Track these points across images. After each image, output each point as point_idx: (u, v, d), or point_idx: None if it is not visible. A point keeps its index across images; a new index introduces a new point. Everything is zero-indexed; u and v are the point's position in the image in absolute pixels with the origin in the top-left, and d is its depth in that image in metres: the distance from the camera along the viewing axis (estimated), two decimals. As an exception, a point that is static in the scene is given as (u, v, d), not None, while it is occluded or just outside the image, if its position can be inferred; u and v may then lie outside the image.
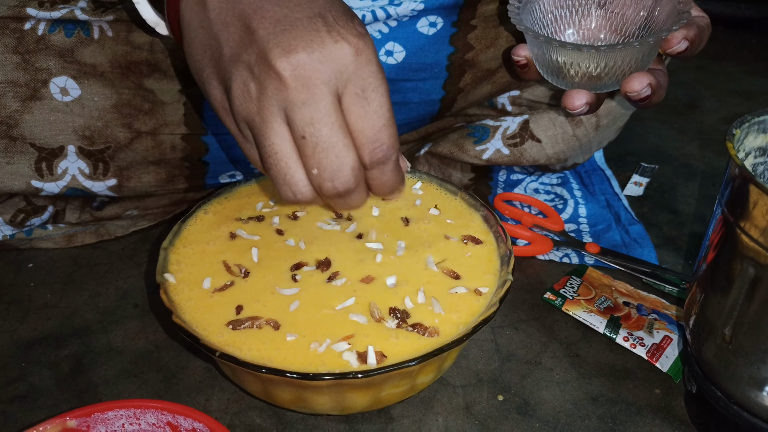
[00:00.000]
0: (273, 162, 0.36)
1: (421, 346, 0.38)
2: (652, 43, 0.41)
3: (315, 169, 0.36)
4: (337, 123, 0.35)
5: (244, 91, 0.35)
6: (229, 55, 0.35)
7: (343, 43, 0.34)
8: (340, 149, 0.35)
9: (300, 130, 0.35)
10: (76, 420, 0.33)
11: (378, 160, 0.37)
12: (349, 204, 0.38)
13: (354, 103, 0.35)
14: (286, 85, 0.34)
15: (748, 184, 0.33)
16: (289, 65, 0.34)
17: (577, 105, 0.44)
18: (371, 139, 0.36)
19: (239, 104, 0.36)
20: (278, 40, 0.34)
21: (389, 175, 0.38)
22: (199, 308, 0.40)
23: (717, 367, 0.38)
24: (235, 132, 0.38)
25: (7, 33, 0.48)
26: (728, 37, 1.05)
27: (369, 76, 0.35)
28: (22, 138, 0.50)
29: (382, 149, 0.36)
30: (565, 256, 0.56)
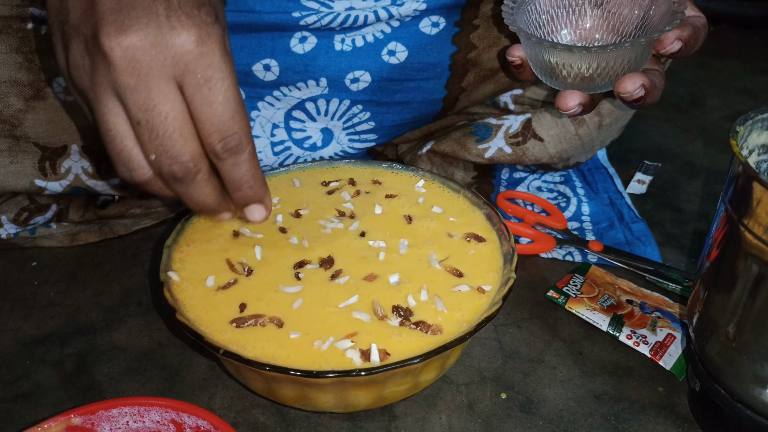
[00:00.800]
0: (108, 138, 0.35)
1: (424, 344, 0.38)
2: (644, 44, 0.41)
3: (153, 154, 0.35)
4: (174, 111, 0.34)
5: (80, 64, 0.34)
6: (72, 24, 0.35)
7: (181, 31, 0.33)
8: (177, 137, 0.35)
9: (134, 116, 0.34)
10: (80, 417, 0.33)
11: (231, 148, 0.36)
12: (192, 197, 0.37)
13: (196, 92, 0.34)
14: (114, 67, 0.33)
15: (751, 182, 0.33)
16: (119, 47, 0.33)
17: (570, 106, 0.44)
18: (220, 127, 0.35)
19: (75, 76, 0.35)
20: (114, 18, 0.33)
21: (245, 167, 0.37)
22: (203, 306, 0.40)
23: (720, 365, 0.38)
24: (76, 97, 0.38)
25: (10, 32, 0.48)
26: (731, 35, 1.04)
27: (210, 66, 0.34)
28: (25, 137, 0.50)
29: (234, 138, 0.35)
30: (568, 254, 0.56)
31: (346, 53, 0.52)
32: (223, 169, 0.37)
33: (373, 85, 0.54)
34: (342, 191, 0.50)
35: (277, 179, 0.51)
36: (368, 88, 0.54)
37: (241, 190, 0.38)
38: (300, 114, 0.56)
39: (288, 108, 0.55)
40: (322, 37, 0.52)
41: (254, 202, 0.39)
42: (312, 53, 0.52)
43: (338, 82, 0.53)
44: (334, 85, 0.54)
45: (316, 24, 0.50)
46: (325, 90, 0.54)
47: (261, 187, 0.39)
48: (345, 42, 0.52)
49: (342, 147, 0.59)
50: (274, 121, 0.56)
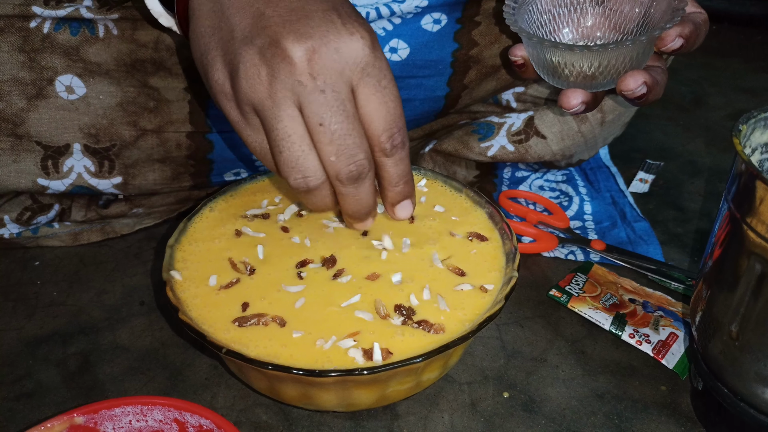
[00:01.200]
0: (286, 145, 0.36)
1: (426, 343, 0.38)
2: (645, 42, 0.41)
3: (333, 156, 0.36)
4: (352, 111, 0.36)
5: (254, 74, 0.35)
6: (240, 38, 0.35)
7: (358, 36, 0.35)
8: (356, 136, 0.36)
9: (317, 117, 0.35)
10: (83, 417, 0.34)
11: (398, 144, 0.38)
12: (360, 198, 0.39)
13: (373, 94, 0.36)
14: (299, 71, 0.34)
15: (754, 180, 0.33)
16: (304, 51, 0.34)
17: (573, 104, 0.44)
18: (390, 125, 0.37)
19: (247, 87, 0.35)
20: (293, 27, 0.35)
21: (405, 163, 0.39)
22: (205, 305, 0.40)
23: (723, 363, 0.38)
24: (235, 117, 0.38)
25: (12, 31, 0.48)
26: (733, 34, 1.04)
27: (384, 69, 0.36)
28: (28, 136, 0.50)
29: (400, 134, 0.38)
30: (570, 253, 0.56)
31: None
32: (387, 166, 0.39)
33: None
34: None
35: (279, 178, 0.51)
36: (370, 86, 0.54)
37: (398, 185, 0.40)
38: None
39: None
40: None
41: (407, 198, 0.41)
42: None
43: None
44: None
45: (319, 23, 0.50)
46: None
47: (413, 182, 0.41)
48: (347, 40, 0.52)
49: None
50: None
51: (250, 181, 0.50)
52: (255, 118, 0.37)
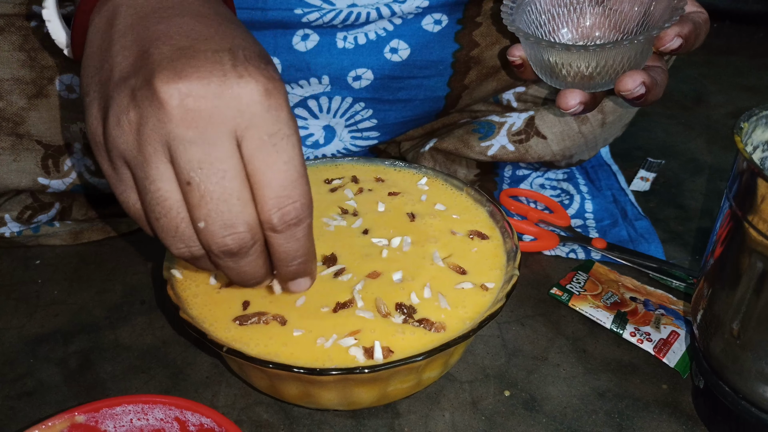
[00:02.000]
0: (161, 212, 0.30)
1: (427, 342, 0.38)
2: (643, 42, 0.41)
3: (202, 221, 0.30)
4: (232, 170, 0.30)
5: (124, 119, 0.30)
6: (116, 78, 0.31)
7: (250, 80, 0.30)
8: (234, 201, 0.30)
9: (185, 174, 0.29)
10: (84, 415, 0.34)
11: (289, 220, 0.31)
12: (243, 272, 0.33)
13: (259, 149, 0.30)
14: (170, 117, 0.29)
15: (756, 178, 0.33)
16: (177, 92, 0.29)
17: (571, 105, 0.43)
18: (281, 194, 0.31)
19: (115, 135, 0.30)
20: (172, 65, 0.29)
21: (301, 242, 0.32)
22: (206, 304, 0.40)
23: (725, 362, 0.38)
24: (108, 171, 0.32)
25: (13, 30, 0.48)
26: (735, 32, 1.04)
27: (278, 121, 0.30)
28: (28, 135, 0.50)
29: (295, 207, 0.31)
30: (571, 252, 0.56)
31: (349, 51, 0.52)
32: (276, 242, 0.32)
33: (376, 83, 0.54)
34: (345, 189, 0.50)
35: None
36: (370, 85, 0.54)
37: (290, 265, 0.33)
38: (302, 111, 0.56)
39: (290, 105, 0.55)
40: (325, 34, 0.52)
41: (302, 277, 0.35)
42: (314, 51, 0.52)
43: (340, 79, 0.53)
44: (337, 82, 0.54)
45: (319, 21, 0.50)
46: (327, 87, 0.54)
47: (313, 260, 0.34)
48: (347, 39, 0.52)
49: (344, 144, 0.59)
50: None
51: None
52: (126, 173, 0.31)
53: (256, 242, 0.32)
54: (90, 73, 0.32)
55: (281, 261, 0.33)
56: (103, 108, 0.31)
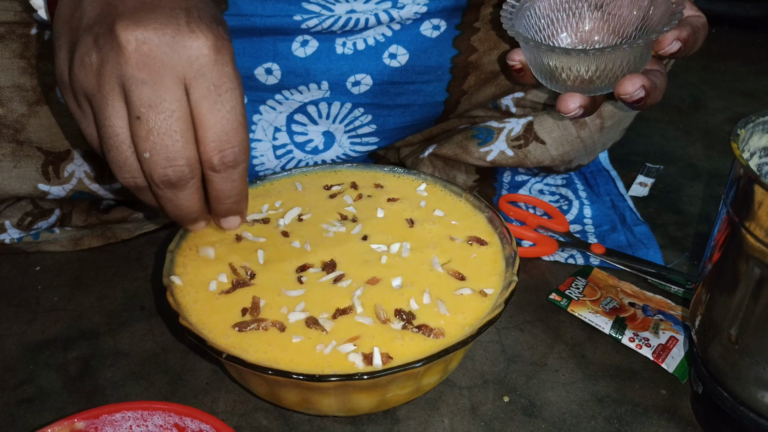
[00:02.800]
0: (113, 144, 0.35)
1: (426, 348, 0.38)
2: (642, 45, 0.41)
3: (147, 152, 0.34)
4: (179, 111, 0.34)
5: (87, 60, 0.34)
6: (84, 26, 0.35)
7: (200, 35, 0.34)
8: (177, 138, 0.34)
9: (136, 110, 0.34)
10: (84, 422, 0.34)
11: (228, 162, 0.35)
12: (180, 205, 0.37)
13: (205, 97, 0.34)
14: (126, 59, 0.33)
15: (753, 185, 0.33)
16: (134, 38, 0.33)
17: (571, 108, 0.44)
18: (222, 138, 0.35)
19: (80, 75, 0.34)
20: (132, 14, 0.33)
21: (236, 183, 0.36)
22: (206, 310, 0.40)
23: (723, 367, 0.38)
24: (73, 108, 0.36)
25: (13, 38, 0.48)
26: (733, 37, 1.04)
27: (224, 76, 0.34)
28: (29, 142, 0.51)
29: (233, 151, 0.35)
30: (570, 257, 0.56)
31: (347, 56, 0.53)
32: (214, 181, 0.36)
33: (375, 89, 0.54)
34: (344, 195, 0.50)
35: (280, 183, 0.51)
36: (369, 91, 0.54)
37: (224, 203, 0.38)
38: (302, 117, 0.56)
39: (290, 111, 0.55)
40: (324, 40, 0.52)
41: (233, 215, 0.40)
42: (313, 57, 0.52)
43: (339, 85, 0.54)
44: (336, 88, 0.54)
45: (318, 27, 0.51)
46: (326, 93, 0.54)
47: (245, 200, 0.39)
48: (346, 45, 0.52)
49: (344, 150, 0.59)
50: (276, 124, 0.56)
51: (250, 186, 0.50)
52: (88, 109, 0.36)
53: (193, 177, 0.36)
54: (61, 21, 0.36)
55: (217, 199, 0.38)
56: (68, 51, 0.35)
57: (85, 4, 0.35)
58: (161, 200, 0.37)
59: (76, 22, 0.35)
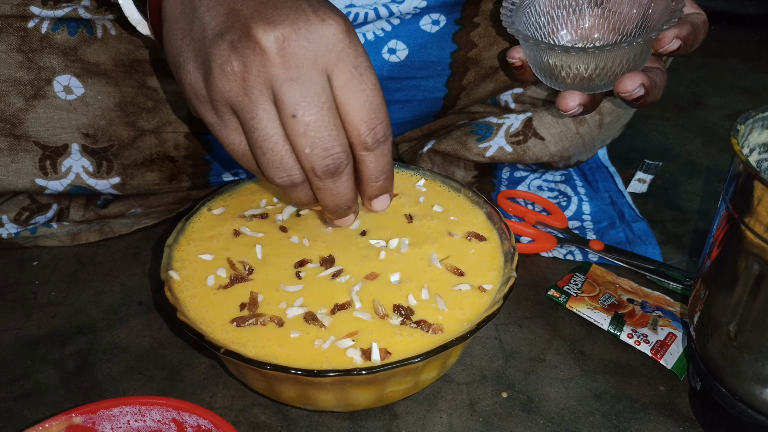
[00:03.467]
0: (268, 146, 0.35)
1: (425, 343, 0.38)
2: (641, 43, 0.41)
3: (307, 147, 0.35)
4: (329, 102, 0.34)
5: (228, 69, 0.34)
6: (211, 36, 0.34)
7: (331, 22, 0.34)
8: (332, 128, 0.35)
9: (290, 109, 0.34)
10: (81, 417, 0.33)
11: (379, 138, 0.36)
12: (337, 194, 0.37)
13: (349, 81, 0.35)
14: (271, 61, 0.33)
15: (752, 180, 0.33)
16: (274, 38, 0.33)
17: (571, 106, 0.44)
18: (371, 116, 0.35)
19: (222, 84, 0.34)
20: (263, 16, 0.33)
21: (387, 159, 0.37)
22: (204, 305, 0.40)
23: (722, 363, 0.38)
24: (212, 120, 0.36)
25: (10, 31, 0.48)
26: (732, 34, 1.04)
27: (360, 55, 0.35)
28: (26, 136, 0.50)
29: (383, 126, 0.36)
30: (568, 254, 0.56)
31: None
32: (366, 161, 0.37)
33: (374, 84, 0.54)
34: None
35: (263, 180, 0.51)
36: (369, 87, 0.54)
37: (378, 181, 0.38)
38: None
39: None
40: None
41: (384, 193, 0.40)
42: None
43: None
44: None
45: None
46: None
47: (393, 177, 0.39)
48: (345, 41, 0.52)
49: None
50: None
51: (249, 181, 0.50)
52: (233, 119, 0.36)
53: (349, 162, 0.36)
54: (178, 36, 0.36)
55: (369, 179, 0.38)
56: (201, 63, 0.35)
57: (203, 15, 0.35)
58: (320, 192, 0.37)
59: (198, 34, 0.35)
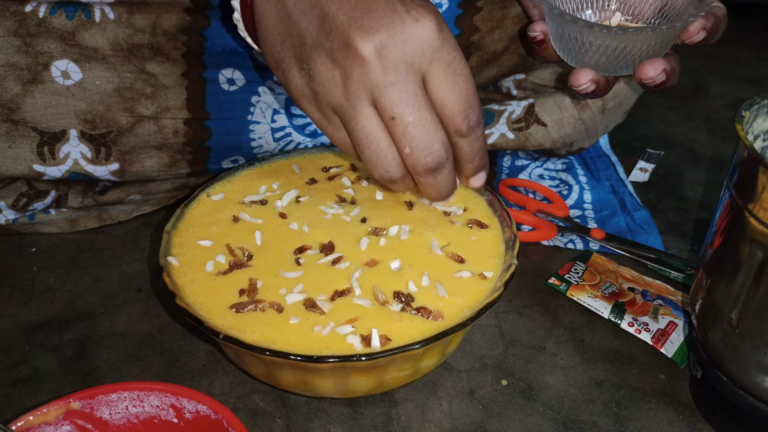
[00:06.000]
0: (366, 145, 0.37)
1: (425, 330, 0.37)
2: (665, 31, 0.40)
3: (407, 147, 0.37)
4: (424, 101, 0.36)
5: (329, 78, 0.36)
6: (310, 43, 0.36)
7: (424, 21, 0.35)
8: (430, 126, 0.36)
9: (389, 112, 0.36)
10: (79, 402, 0.33)
11: (473, 124, 0.38)
12: (439, 186, 0.39)
13: (444, 78, 0.36)
14: (371, 69, 0.35)
15: (757, 167, 0.33)
16: (373, 47, 0.35)
17: (582, 82, 0.44)
18: (465, 105, 0.37)
19: (325, 91, 0.37)
20: (359, 24, 0.35)
21: (480, 140, 0.39)
22: (202, 291, 0.40)
23: (723, 351, 0.38)
24: (318, 119, 0.39)
25: (7, 15, 0.47)
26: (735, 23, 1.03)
27: (453, 49, 0.36)
28: (23, 122, 0.50)
29: (475, 112, 0.38)
30: (569, 242, 0.56)
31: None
32: (463, 145, 0.39)
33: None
34: (343, 177, 0.50)
35: (278, 165, 0.51)
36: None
37: (474, 162, 0.40)
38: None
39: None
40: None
41: (482, 170, 0.42)
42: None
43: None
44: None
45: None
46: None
47: (486, 155, 0.41)
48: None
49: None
50: (275, 106, 0.55)
51: (248, 168, 0.50)
52: (336, 118, 0.38)
53: (449, 157, 0.38)
54: (278, 40, 0.38)
55: (466, 161, 0.40)
56: (303, 69, 0.37)
57: (298, 20, 0.37)
58: (423, 186, 0.40)
59: (296, 39, 0.37)
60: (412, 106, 0.36)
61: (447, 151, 0.38)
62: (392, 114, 0.36)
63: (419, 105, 0.36)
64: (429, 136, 0.37)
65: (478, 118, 0.38)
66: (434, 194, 0.41)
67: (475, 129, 0.38)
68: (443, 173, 0.39)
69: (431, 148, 0.37)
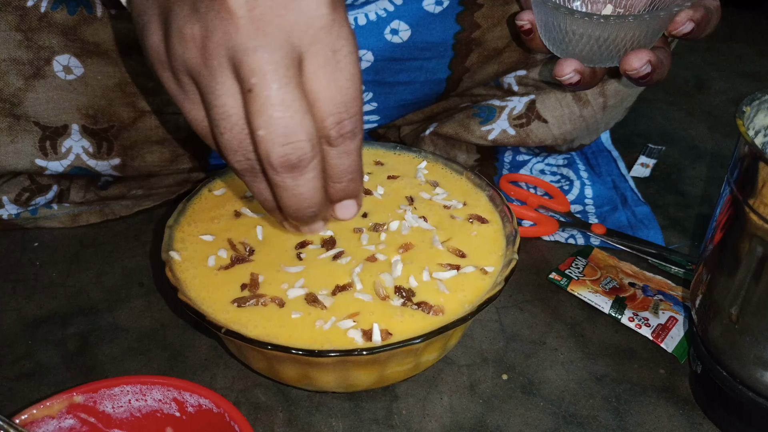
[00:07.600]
0: (226, 126, 0.30)
1: (426, 325, 0.38)
2: (648, 20, 0.40)
3: (262, 129, 0.29)
4: (294, 79, 0.29)
5: (188, 32, 0.29)
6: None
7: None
8: (295, 110, 0.29)
9: (247, 82, 0.29)
10: (82, 396, 0.33)
11: (346, 133, 0.31)
12: (299, 194, 0.32)
13: (323, 65, 0.30)
14: (237, 26, 0.28)
15: (758, 162, 0.33)
16: (245, 2, 0.28)
17: (566, 72, 0.43)
18: (340, 109, 0.30)
19: (180, 51, 0.30)
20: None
21: (353, 158, 0.32)
22: (204, 286, 0.40)
23: (723, 346, 0.38)
24: (174, 89, 0.32)
25: (9, 10, 0.47)
26: (737, 18, 1.03)
27: (342, 37, 0.30)
28: (25, 116, 0.50)
29: (351, 121, 0.31)
30: (570, 237, 0.56)
31: (349, 33, 0.52)
32: (330, 157, 0.32)
33: (376, 65, 0.54)
34: (344, 172, 0.50)
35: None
36: (371, 67, 0.54)
37: (342, 182, 0.33)
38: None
39: None
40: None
41: (351, 198, 0.34)
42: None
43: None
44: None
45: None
46: (327, 70, 0.53)
47: (361, 180, 0.34)
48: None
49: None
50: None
51: (250, 163, 0.50)
52: (192, 88, 0.31)
53: (315, 156, 0.31)
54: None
55: (333, 179, 0.33)
56: (163, 24, 0.30)
57: None
58: (279, 189, 0.32)
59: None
60: (277, 78, 0.29)
61: (314, 150, 0.30)
62: (249, 85, 0.29)
63: (287, 81, 0.29)
64: (292, 120, 0.29)
65: (354, 129, 0.31)
66: (292, 205, 0.32)
67: (348, 140, 0.31)
68: (306, 176, 0.31)
69: (292, 136, 0.29)
